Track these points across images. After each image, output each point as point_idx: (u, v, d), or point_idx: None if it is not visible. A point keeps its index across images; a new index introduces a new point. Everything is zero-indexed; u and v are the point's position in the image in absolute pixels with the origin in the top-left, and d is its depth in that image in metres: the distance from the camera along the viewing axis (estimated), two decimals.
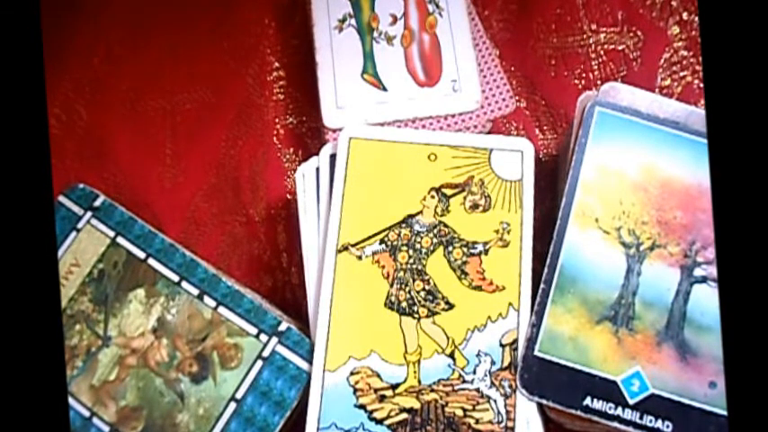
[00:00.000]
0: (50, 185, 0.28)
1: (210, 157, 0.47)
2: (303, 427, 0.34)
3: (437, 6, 0.44)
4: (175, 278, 0.38)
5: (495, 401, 0.34)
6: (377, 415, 0.34)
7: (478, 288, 0.36)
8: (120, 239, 0.40)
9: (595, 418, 0.33)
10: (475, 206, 0.37)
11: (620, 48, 0.46)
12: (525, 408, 0.34)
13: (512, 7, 0.48)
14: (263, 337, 0.37)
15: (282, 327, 0.37)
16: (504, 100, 0.43)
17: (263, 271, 0.44)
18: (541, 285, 0.35)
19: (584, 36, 0.46)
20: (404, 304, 0.36)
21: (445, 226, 0.37)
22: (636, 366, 0.34)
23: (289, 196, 0.46)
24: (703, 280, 0.35)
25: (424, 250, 0.37)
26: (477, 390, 0.34)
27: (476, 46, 0.43)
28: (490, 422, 0.34)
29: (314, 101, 0.44)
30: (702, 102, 0.44)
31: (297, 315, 0.41)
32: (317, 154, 0.40)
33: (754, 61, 0.26)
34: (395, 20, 0.44)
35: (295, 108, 0.48)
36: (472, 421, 0.34)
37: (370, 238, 0.37)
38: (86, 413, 0.37)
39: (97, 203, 0.41)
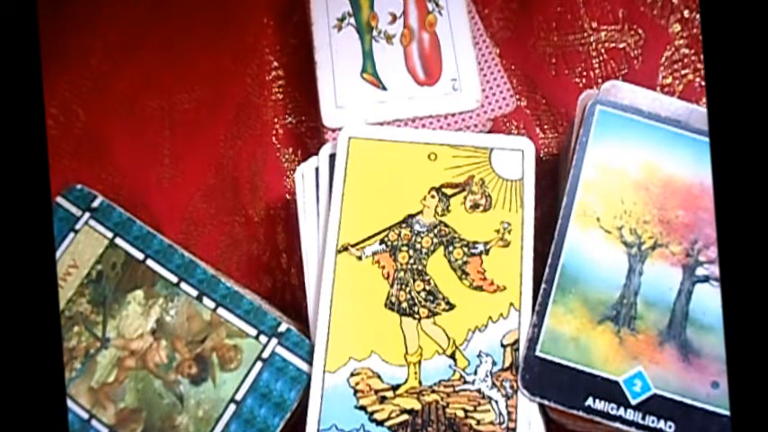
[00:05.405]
0: (48, 186, 0.28)
1: (209, 157, 0.47)
2: (303, 428, 0.34)
3: (437, 5, 0.44)
4: (174, 279, 0.38)
5: (496, 402, 0.34)
6: (377, 416, 0.34)
7: (479, 288, 0.36)
8: (118, 240, 0.39)
9: (597, 419, 0.33)
10: (475, 206, 0.37)
11: (621, 46, 0.46)
12: (527, 408, 0.34)
13: (512, 5, 0.48)
14: (263, 339, 0.37)
15: (282, 328, 0.37)
16: (504, 99, 0.42)
17: (263, 272, 0.44)
18: (543, 285, 0.35)
19: (585, 34, 0.46)
20: (404, 305, 0.36)
21: (445, 226, 0.37)
22: (638, 366, 0.34)
23: (288, 196, 0.46)
24: (705, 279, 0.35)
25: (424, 250, 0.37)
26: (479, 390, 0.34)
27: (476, 44, 0.43)
28: (491, 423, 0.34)
29: (313, 100, 0.43)
30: (704, 100, 0.43)
31: (296, 316, 0.41)
32: (316, 154, 0.40)
33: (755, 59, 0.26)
34: (394, 18, 0.44)
35: (294, 108, 0.48)
36: (473, 422, 0.34)
37: (370, 238, 0.37)
38: (85, 415, 0.37)
39: (95, 204, 0.40)
